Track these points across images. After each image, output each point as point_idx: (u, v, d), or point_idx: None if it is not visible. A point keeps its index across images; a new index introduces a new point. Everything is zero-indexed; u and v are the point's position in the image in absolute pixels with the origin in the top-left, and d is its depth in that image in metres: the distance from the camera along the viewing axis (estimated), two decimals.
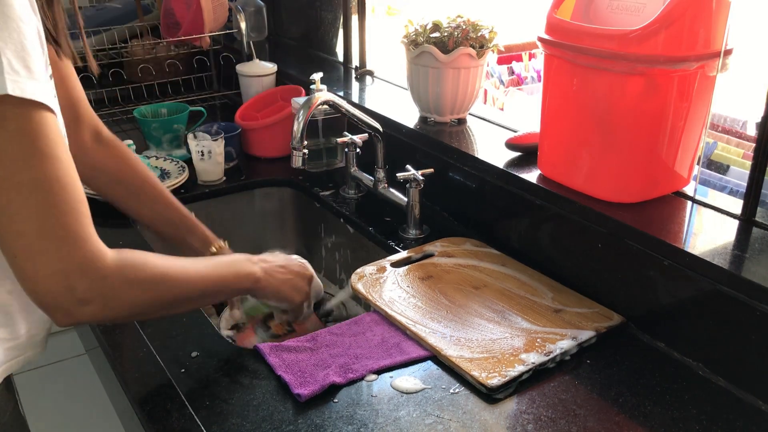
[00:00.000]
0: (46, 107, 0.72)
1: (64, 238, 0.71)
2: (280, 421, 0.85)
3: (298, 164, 1.23)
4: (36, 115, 0.70)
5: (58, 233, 0.71)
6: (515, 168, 1.20)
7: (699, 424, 0.84)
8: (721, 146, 2.01)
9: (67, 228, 0.71)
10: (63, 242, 0.71)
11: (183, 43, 1.93)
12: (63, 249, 0.71)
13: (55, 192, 0.71)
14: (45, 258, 0.70)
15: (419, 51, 1.34)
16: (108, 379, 1.20)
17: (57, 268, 0.71)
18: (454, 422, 0.85)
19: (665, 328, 0.98)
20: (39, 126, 0.70)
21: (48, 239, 0.70)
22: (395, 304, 1.06)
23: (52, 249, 0.71)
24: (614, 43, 0.97)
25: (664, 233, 0.98)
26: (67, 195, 0.72)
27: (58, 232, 0.71)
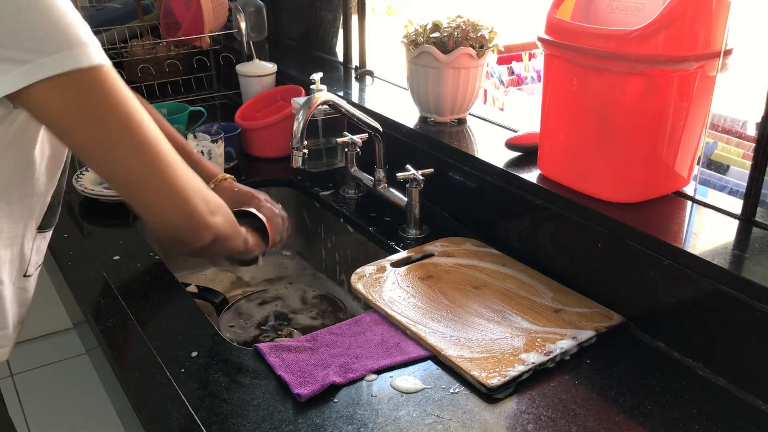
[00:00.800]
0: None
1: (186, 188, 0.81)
2: (280, 421, 0.85)
3: (298, 164, 1.24)
4: (110, 73, 0.76)
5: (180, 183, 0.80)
6: (515, 168, 1.20)
7: (699, 424, 0.84)
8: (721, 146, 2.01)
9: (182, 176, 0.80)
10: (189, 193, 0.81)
11: (183, 43, 1.93)
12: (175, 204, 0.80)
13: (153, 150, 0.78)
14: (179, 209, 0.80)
15: (419, 51, 1.34)
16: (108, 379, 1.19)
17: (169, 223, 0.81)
18: (454, 422, 0.85)
19: (665, 328, 0.98)
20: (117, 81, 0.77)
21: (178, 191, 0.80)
22: (395, 303, 1.06)
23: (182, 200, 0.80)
24: (614, 43, 0.97)
25: (664, 233, 0.98)
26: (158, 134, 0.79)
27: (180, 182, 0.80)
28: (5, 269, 0.89)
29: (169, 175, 0.79)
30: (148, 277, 1.17)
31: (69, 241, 1.27)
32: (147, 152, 0.77)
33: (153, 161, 0.78)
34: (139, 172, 0.77)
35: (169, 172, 0.79)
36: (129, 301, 1.09)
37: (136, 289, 1.13)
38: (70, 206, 1.42)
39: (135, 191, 0.79)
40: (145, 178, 0.78)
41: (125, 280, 1.15)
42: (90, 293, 1.12)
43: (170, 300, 1.10)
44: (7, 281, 0.90)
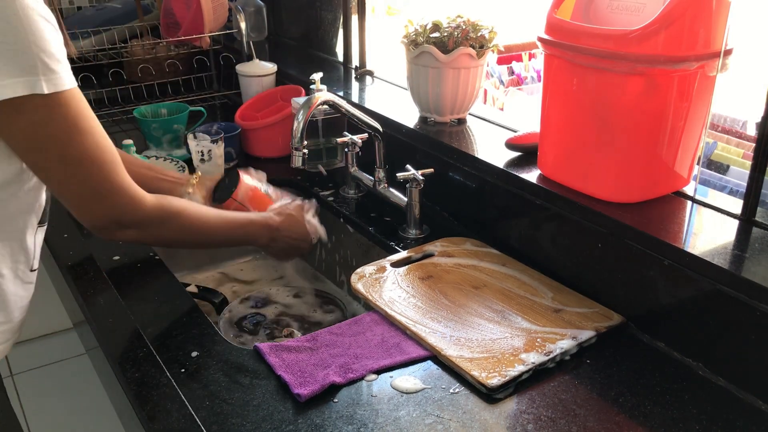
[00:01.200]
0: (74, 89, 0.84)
1: (110, 190, 0.89)
2: (280, 421, 0.85)
3: (298, 164, 1.23)
4: (72, 99, 0.83)
5: (105, 188, 0.89)
6: (515, 168, 1.20)
7: (699, 424, 0.84)
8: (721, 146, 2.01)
9: (111, 183, 0.89)
10: (110, 194, 0.90)
11: (183, 43, 1.93)
12: (110, 199, 0.90)
13: (96, 157, 0.87)
14: (97, 207, 0.90)
15: (419, 51, 1.34)
16: (108, 379, 1.19)
17: (106, 213, 0.91)
18: (454, 422, 0.85)
19: (665, 328, 0.98)
20: (76, 108, 0.84)
21: (97, 194, 0.89)
22: (395, 304, 1.06)
23: (101, 200, 0.90)
24: (614, 43, 0.97)
25: (664, 233, 0.98)
26: (105, 156, 0.88)
27: (105, 187, 0.89)
28: (6, 263, 0.92)
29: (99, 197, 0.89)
30: (148, 277, 1.17)
31: (69, 241, 1.27)
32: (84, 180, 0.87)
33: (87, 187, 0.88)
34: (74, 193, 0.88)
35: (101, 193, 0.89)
36: (129, 301, 1.09)
37: (136, 289, 1.13)
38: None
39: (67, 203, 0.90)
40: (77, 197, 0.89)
41: (125, 280, 1.15)
42: (90, 293, 1.12)
43: (170, 300, 1.10)
44: (9, 275, 0.92)
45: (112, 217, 0.92)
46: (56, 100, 0.80)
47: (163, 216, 0.97)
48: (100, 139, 0.88)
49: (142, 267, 1.20)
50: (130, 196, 0.92)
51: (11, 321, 0.96)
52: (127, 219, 0.93)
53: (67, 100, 0.82)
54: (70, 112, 0.83)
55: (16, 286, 0.94)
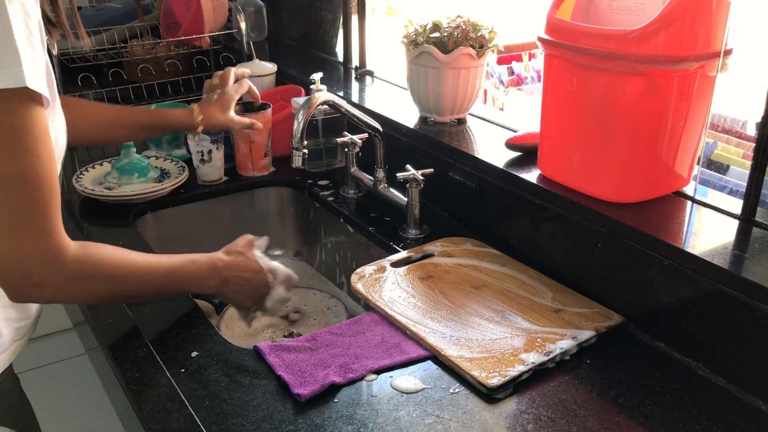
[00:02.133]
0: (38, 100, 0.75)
1: (31, 230, 0.76)
2: (280, 421, 0.85)
3: (298, 164, 1.24)
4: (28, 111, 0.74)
5: (26, 225, 0.76)
6: (515, 168, 1.20)
7: (699, 424, 0.84)
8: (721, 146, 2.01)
9: (36, 221, 0.76)
10: (29, 233, 0.76)
11: (183, 43, 1.93)
12: (28, 239, 0.76)
13: (32, 186, 0.75)
14: (9, 245, 0.76)
15: (419, 51, 1.34)
16: (108, 379, 1.19)
17: (18, 255, 0.76)
18: (454, 422, 0.85)
19: (665, 328, 0.98)
20: (29, 123, 0.74)
21: (15, 228, 0.76)
22: (395, 304, 1.06)
23: (18, 237, 0.76)
24: (614, 43, 0.97)
25: (664, 233, 0.98)
26: (42, 190, 0.76)
27: (27, 223, 0.76)
28: None
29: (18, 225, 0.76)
30: None
31: None
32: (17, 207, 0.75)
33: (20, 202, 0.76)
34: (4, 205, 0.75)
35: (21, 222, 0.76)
36: None
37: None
38: (70, 206, 1.42)
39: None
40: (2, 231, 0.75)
41: None
42: None
43: (170, 300, 1.10)
44: None
45: (25, 265, 0.77)
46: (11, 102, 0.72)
47: (87, 270, 0.83)
48: (43, 169, 0.76)
49: None
50: (51, 242, 0.78)
51: (29, 317, 0.95)
52: (43, 272, 0.78)
53: (20, 103, 0.73)
54: (21, 122, 0.73)
55: None
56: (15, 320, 0.92)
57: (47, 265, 0.78)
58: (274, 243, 1.59)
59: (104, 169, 1.48)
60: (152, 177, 1.46)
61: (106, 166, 1.48)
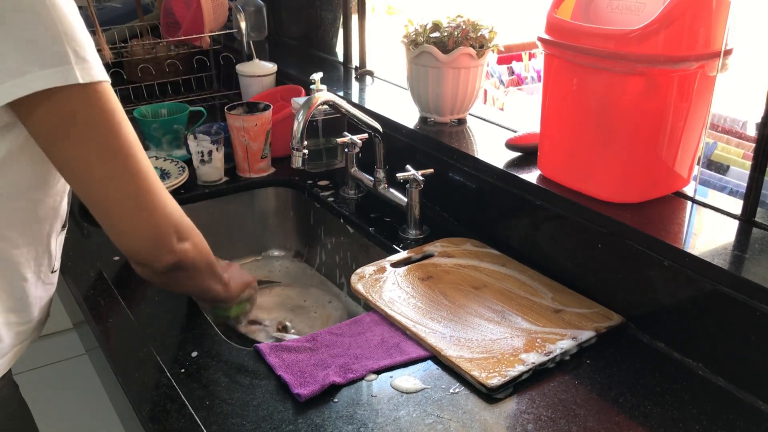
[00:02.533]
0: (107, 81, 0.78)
1: (158, 199, 0.83)
2: (280, 421, 0.85)
3: (298, 164, 1.23)
4: (107, 91, 0.78)
5: (153, 196, 0.82)
6: (515, 168, 1.20)
7: (699, 424, 0.84)
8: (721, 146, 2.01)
9: (155, 190, 0.82)
10: (155, 202, 0.82)
11: (183, 43, 1.93)
12: (160, 209, 0.83)
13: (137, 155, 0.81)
14: (148, 220, 0.82)
15: (419, 51, 1.34)
16: (108, 379, 1.19)
17: (160, 230, 0.84)
18: (454, 422, 0.85)
19: (665, 328, 0.98)
20: (114, 101, 0.79)
21: (147, 202, 0.82)
22: (395, 304, 1.06)
23: (153, 210, 0.82)
24: (614, 42, 0.97)
25: (664, 233, 0.98)
26: (145, 162, 0.82)
27: (153, 195, 0.82)
28: (30, 267, 0.91)
29: (144, 200, 0.81)
30: None
31: (69, 241, 1.27)
32: (125, 179, 0.80)
33: (130, 188, 0.80)
34: (114, 196, 0.80)
35: (145, 197, 0.81)
36: (129, 301, 1.09)
37: (136, 289, 1.13)
38: (70, 206, 1.41)
39: (106, 212, 0.82)
40: (118, 203, 0.80)
41: (125, 280, 1.15)
42: (90, 293, 1.12)
43: (170, 300, 1.10)
44: (32, 278, 0.92)
45: (166, 225, 0.84)
46: (91, 90, 0.75)
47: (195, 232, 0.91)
48: (138, 144, 0.82)
49: None
50: (175, 207, 0.86)
51: (31, 321, 0.95)
52: (180, 225, 0.86)
53: (102, 91, 0.77)
54: (108, 104, 0.77)
55: (38, 288, 0.94)
56: (15, 324, 0.92)
57: (181, 219, 0.86)
58: (274, 244, 1.59)
59: None
60: None
61: None
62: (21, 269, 0.89)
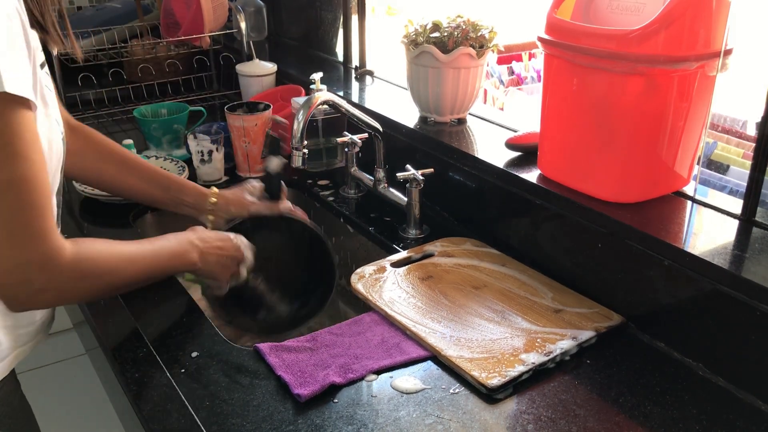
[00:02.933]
0: (24, 104, 0.74)
1: (29, 235, 0.75)
2: (280, 421, 0.85)
3: (298, 164, 1.23)
4: (14, 115, 0.73)
5: (24, 231, 0.75)
6: (515, 168, 1.20)
7: (699, 424, 0.84)
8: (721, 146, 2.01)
9: (32, 226, 0.75)
10: (27, 239, 0.75)
11: (183, 43, 1.93)
12: (27, 246, 0.75)
13: (25, 191, 0.75)
14: (8, 253, 0.75)
15: (419, 51, 1.34)
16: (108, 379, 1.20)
17: (18, 263, 0.76)
18: (454, 422, 0.85)
19: (665, 328, 0.98)
20: (16, 127, 0.74)
21: (13, 236, 0.75)
22: (395, 304, 1.06)
23: (16, 245, 0.75)
24: (614, 43, 0.97)
25: (664, 233, 0.98)
26: (36, 194, 0.76)
27: (24, 229, 0.75)
28: None
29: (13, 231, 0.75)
30: None
31: None
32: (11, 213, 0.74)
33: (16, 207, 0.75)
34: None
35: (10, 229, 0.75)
36: (129, 301, 1.09)
37: (136, 289, 1.12)
38: (70, 206, 1.42)
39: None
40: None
41: None
42: None
43: (170, 300, 1.10)
44: None
45: (25, 273, 0.76)
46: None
47: (84, 268, 0.82)
48: (36, 173, 0.75)
49: None
50: (50, 246, 0.77)
51: (33, 323, 0.94)
52: (44, 276, 0.77)
53: (4, 108, 0.72)
54: (8, 127, 0.72)
55: None
56: (14, 327, 0.91)
57: (47, 269, 0.77)
58: None
59: None
60: None
61: None
62: None
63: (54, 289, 0.80)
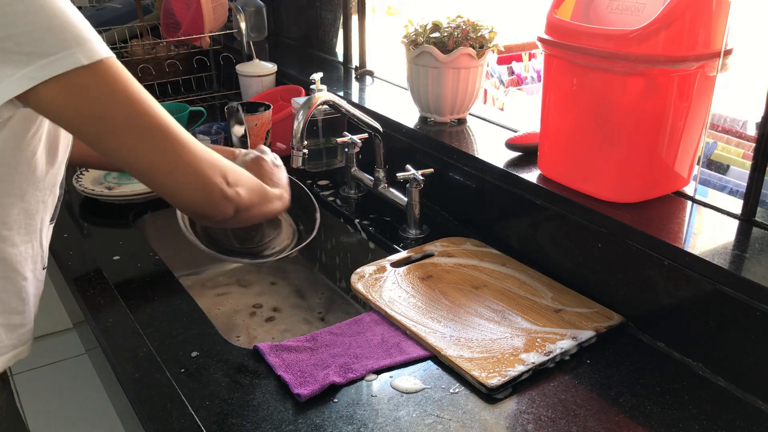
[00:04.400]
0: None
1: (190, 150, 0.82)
2: (280, 421, 0.85)
3: (298, 164, 1.24)
4: (114, 65, 0.77)
5: (185, 151, 0.81)
6: (515, 168, 1.20)
7: (699, 424, 0.84)
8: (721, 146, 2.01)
9: (186, 144, 0.81)
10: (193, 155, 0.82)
11: (183, 43, 1.93)
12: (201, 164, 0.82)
13: (164, 115, 0.80)
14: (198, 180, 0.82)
15: (419, 51, 1.34)
16: (108, 379, 1.20)
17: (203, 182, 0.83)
18: (454, 422, 0.85)
19: (665, 328, 0.98)
20: (124, 74, 0.78)
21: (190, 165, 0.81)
22: (395, 304, 1.06)
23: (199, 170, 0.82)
24: (614, 43, 0.97)
25: (664, 233, 0.98)
26: (170, 118, 0.81)
27: (192, 154, 0.82)
28: (28, 265, 0.91)
29: (180, 155, 0.81)
30: (148, 277, 1.17)
31: (69, 241, 1.27)
32: (155, 137, 0.79)
33: (162, 145, 0.80)
34: (151, 158, 0.80)
35: (181, 152, 0.81)
36: (129, 301, 1.09)
37: (136, 289, 1.13)
38: (70, 206, 1.42)
39: (149, 175, 0.81)
40: (157, 163, 0.80)
41: (125, 280, 1.15)
42: (90, 293, 1.12)
43: (170, 300, 1.10)
44: (30, 277, 0.92)
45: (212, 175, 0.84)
46: (98, 68, 0.74)
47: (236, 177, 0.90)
48: (159, 106, 0.81)
49: (142, 267, 1.20)
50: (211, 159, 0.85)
51: (29, 323, 0.95)
52: (227, 174, 0.86)
53: (109, 66, 0.76)
54: (118, 77, 0.77)
55: (34, 287, 0.94)
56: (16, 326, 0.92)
57: (226, 167, 0.85)
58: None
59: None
60: None
61: None
62: (21, 268, 0.89)
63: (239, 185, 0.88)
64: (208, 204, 0.85)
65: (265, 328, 1.30)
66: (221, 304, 1.37)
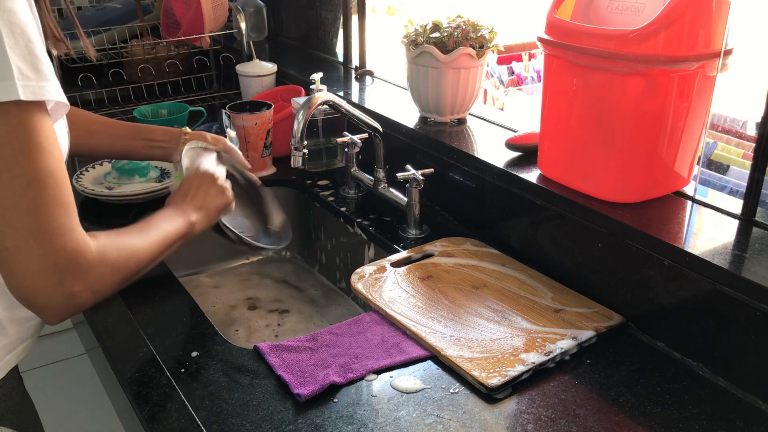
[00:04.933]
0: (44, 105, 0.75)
1: (56, 231, 0.73)
2: (280, 421, 0.85)
3: (298, 164, 1.24)
4: (37, 112, 0.73)
5: (50, 226, 0.73)
6: (515, 168, 1.20)
7: (699, 424, 0.84)
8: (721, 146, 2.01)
9: (58, 221, 0.74)
10: (54, 235, 0.73)
11: (183, 43, 1.93)
12: (55, 242, 0.73)
13: (50, 186, 0.73)
14: (37, 251, 0.72)
15: (419, 51, 1.34)
16: (108, 379, 1.20)
17: (47, 262, 0.73)
18: (454, 422, 0.85)
19: (665, 328, 0.98)
20: (38, 122, 0.73)
21: (40, 232, 0.73)
22: (395, 304, 1.06)
23: (44, 242, 0.73)
24: (614, 43, 0.97)
25: (664, 233, 0.98)
26: (60, 189, 0.74)
27: (51, 225, 0.73)
28: None
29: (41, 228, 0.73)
30: (148, 276, 1.17)
31: None
32: (26, 196, 0.72)
33: (29, 208, 0.73)
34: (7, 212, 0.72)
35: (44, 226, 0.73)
36: (129, 301, 1.09)
37: (136, 289, 1.13)
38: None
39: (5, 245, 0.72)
40: (10, 220, 0.72)
41: None
42: None
43: (170, 300, 1.10)
44: None
45: (58, 273, 0.74)
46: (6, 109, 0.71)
47: (110, 258, 0.80)
48: (59, 167, 0.75)
49: None
50: (77, 240, 0.75)
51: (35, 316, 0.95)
52: (76, 273, 0.75)
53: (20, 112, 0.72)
54: (34, 124, 0.72)
55: None
56: (23, 319, 0.92)
57: (78, 265, 0.75)
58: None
59: (104, 169, 1.48)
60: (152, 177, 1.46)
61: (106, 166, 1.48)
62: None
63: (88, 287, 0.77)
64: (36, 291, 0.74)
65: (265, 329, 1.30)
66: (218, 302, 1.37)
